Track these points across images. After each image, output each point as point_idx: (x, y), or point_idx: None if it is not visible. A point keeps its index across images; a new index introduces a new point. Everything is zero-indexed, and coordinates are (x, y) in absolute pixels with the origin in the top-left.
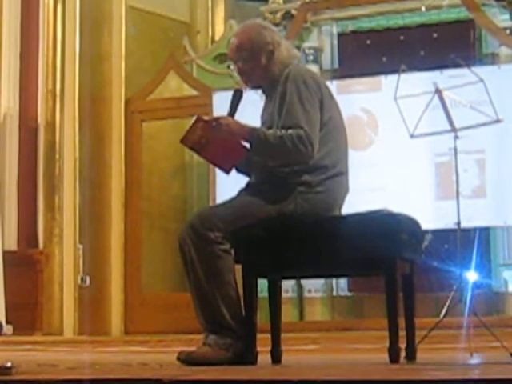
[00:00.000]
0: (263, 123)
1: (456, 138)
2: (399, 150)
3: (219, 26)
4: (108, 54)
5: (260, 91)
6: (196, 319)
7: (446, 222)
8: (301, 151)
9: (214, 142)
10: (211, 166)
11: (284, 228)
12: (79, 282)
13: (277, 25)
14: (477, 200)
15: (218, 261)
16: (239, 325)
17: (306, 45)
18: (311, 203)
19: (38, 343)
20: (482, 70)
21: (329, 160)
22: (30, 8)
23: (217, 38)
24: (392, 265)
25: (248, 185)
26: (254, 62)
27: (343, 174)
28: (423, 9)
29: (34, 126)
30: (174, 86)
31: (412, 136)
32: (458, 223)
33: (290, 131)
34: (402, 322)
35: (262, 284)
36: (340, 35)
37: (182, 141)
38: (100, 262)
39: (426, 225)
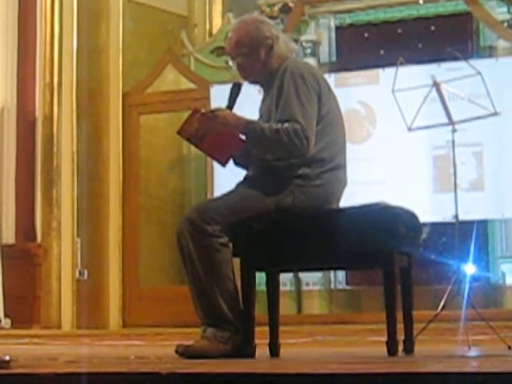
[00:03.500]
0: (261, 117)
1: (454, 130)
2: (397, 143)
3: (217, 20)
4: (105, 47)
5: (258, 85)
6: (194, 312)
7: (444, 214)
8: (296, 145)
9: (211, 135)
10: (209, 159)
11: (282, 221)
12: (77, 275)
13: (274, 18)
14: (475, 193)
15: (216, 254)
16: (237, 318)
17: (303, 38)
18: (309, 196)
19: (36, 337)
20: (479, 63)
21: (327, 153)
22: (28, 1)
23: (214, 31)
24: (390, 258)
25: (246, 178)
26: (253, 57)
27: (341, 167)
28: (421, 1)
29: (31, 120)
30: (171, 80)
31: (410, 129)
32: (456, 216)
33: (286, 125)
34: (399, 315)
35: (260, 277)
36: (338, 28)
37: (178, 132)
38: (98, 255)
39: (423, 218)
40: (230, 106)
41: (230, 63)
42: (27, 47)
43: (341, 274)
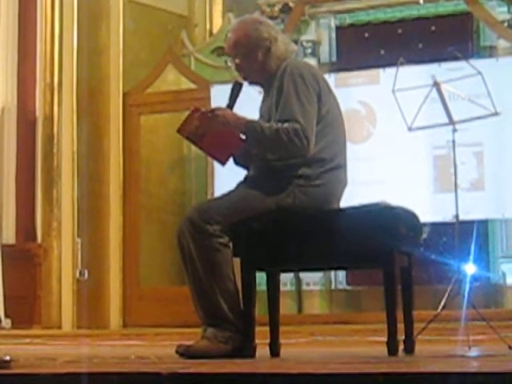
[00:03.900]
0: (261, 117)
1: (454, 130)
2: (397, 143)
3: (217, 20)
4: (106, 47)
5: (258, 86)
6: (194, 312)
7: (445, 214)
8: (296, 145)
9: (211, 134)
10: (209, 159)
11: (282, 221)
12: (77, 275)
13: (274, 18)
14: (475, 193)
15: (216, 254)
16: (238, 318)
17: (303, 38)
18: (309, 196)
19: (36, 337)
20: (480, 63)
21: (327, 153)
22: (28, 1)
23: (215, 31)
24: (390, 258)
25: (246, 178)
26: (251, 58)
27: (341, 167)
28: (421, 1)
29: (31, 120)
30: (171, 80)
31: (410, 129)
32: (457, 216)
33: (286, 125)
34: (400, 315)
35: (261, 277)
36: (338, 28)
37: (178, 131)
38: (98, 255)
39: (424, 217)
40: (231, 105)
41: (229, 63)
42: (27, 47)
43: (341, 274)
